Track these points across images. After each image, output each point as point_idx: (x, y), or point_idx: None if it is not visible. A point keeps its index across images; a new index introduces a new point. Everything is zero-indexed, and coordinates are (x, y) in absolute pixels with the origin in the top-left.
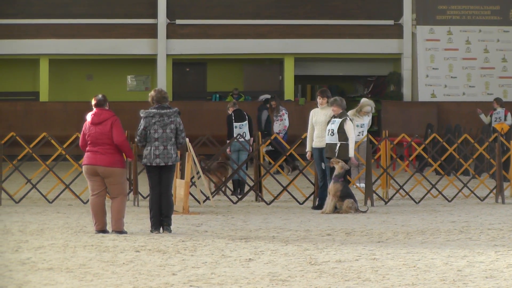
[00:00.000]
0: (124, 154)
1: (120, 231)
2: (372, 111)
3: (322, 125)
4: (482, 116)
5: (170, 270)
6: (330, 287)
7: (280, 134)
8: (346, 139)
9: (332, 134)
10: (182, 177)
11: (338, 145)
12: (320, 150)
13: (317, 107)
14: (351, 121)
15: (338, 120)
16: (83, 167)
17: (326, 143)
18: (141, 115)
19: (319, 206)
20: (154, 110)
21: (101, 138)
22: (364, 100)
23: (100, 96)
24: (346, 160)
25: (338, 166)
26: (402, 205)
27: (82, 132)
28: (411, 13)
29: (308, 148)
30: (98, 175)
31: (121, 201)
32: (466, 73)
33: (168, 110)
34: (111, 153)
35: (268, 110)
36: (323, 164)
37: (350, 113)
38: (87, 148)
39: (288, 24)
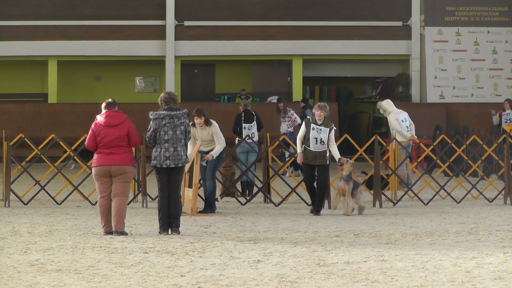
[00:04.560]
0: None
1: (121, 231)
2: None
3: (208, 141)
4: (495, 117)
5: (179, 272)
6: None
7: (289, 129)
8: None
9: (322, 143)
10: (190, 186)
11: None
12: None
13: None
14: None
15: (325, 130)
16: (94, 168)
17: (315, 151)
18: (151, 117)
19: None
20: (164, 112)
21: (117, 141)
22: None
23: (110, 99)
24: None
25: (348, 165)
26: (411, 207)
27: (91, 133)
28: (419, 14)
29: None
30: (108, 176)
31: (123, 200)
32: (475, 74)
33: (178, 112)
34: (125, 152)
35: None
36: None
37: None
38: (99, 150)
39: (296, 25)
